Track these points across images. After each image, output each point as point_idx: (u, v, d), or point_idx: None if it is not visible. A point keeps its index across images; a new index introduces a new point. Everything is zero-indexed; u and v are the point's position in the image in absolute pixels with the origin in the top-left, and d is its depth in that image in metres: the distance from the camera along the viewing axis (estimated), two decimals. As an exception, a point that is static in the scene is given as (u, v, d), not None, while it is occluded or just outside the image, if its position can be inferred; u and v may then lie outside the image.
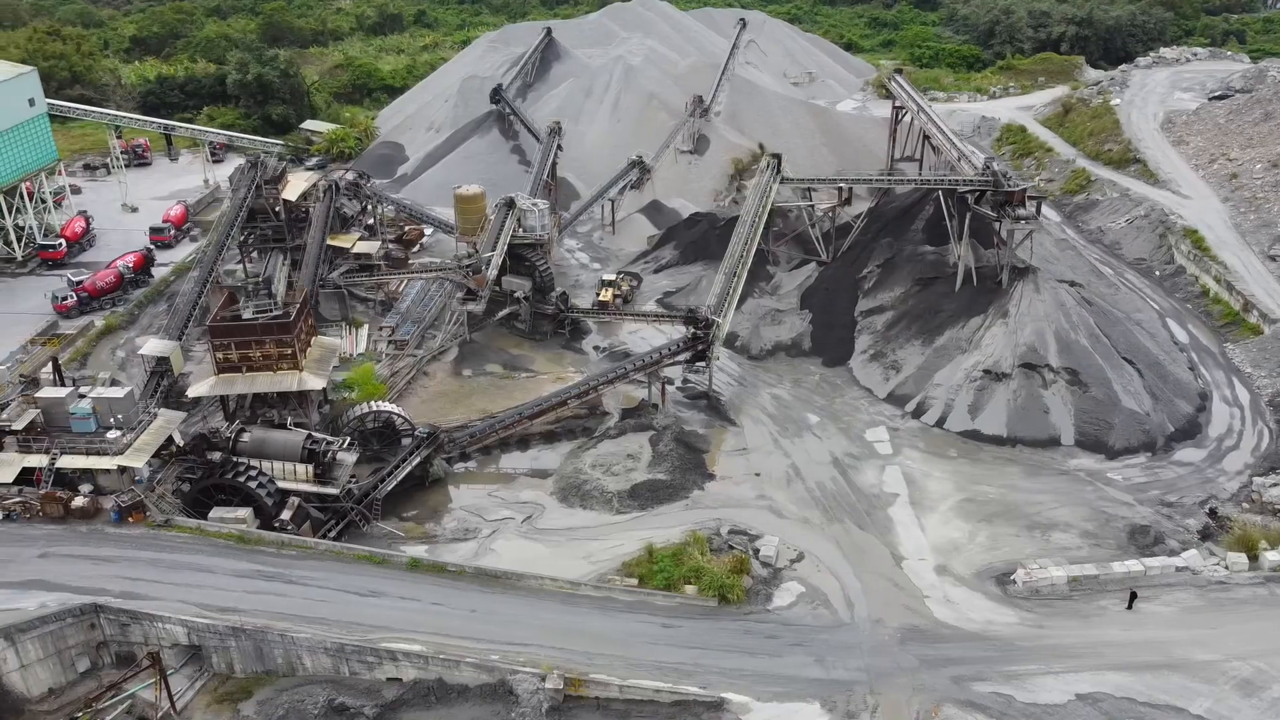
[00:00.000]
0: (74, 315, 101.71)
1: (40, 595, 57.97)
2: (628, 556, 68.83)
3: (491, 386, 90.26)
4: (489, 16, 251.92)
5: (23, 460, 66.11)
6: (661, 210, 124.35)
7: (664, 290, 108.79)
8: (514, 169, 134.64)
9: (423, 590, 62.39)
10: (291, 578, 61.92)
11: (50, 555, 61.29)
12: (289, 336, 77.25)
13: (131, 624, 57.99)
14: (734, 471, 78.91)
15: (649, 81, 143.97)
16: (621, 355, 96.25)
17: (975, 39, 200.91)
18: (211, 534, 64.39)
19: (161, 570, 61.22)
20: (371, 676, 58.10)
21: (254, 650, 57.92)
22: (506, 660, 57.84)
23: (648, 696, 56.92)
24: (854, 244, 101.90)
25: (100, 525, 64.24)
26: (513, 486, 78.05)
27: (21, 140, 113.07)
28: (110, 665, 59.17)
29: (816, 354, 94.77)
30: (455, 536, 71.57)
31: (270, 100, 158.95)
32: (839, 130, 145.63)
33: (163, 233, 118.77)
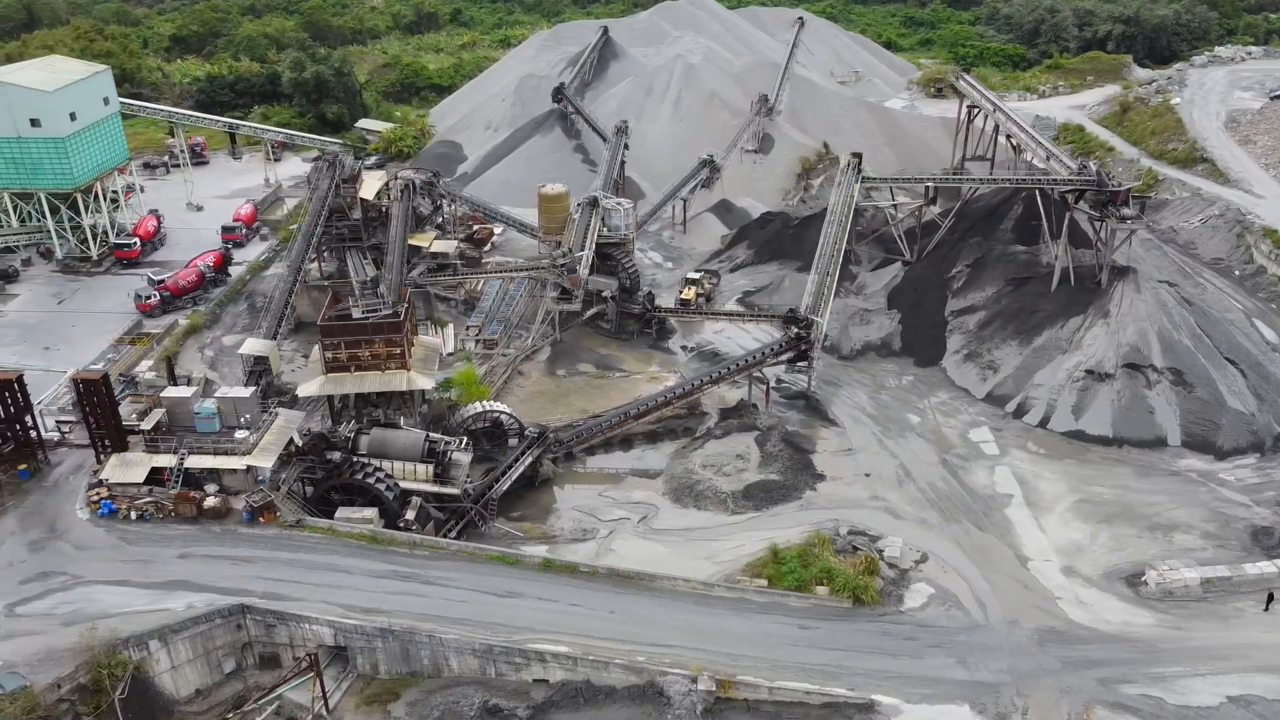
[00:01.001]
0: (157, 314, 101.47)
1: (187, 596, 57.73)
2: (750, 557, 68.64)
3: (587, 386, 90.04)
4: (522, 15, 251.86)
5: (151, 460, 65.83)
6: (731, 210, 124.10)
7: (743, 290, 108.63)
8: (578, 168, 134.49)
9: (559, 591, 62.12)
10: (429, 578, 61.66)
11: (190, 556, 61.05)
12: (399, 336, 77.01)
13: (278, 625, 57.76)
14: (842, 472, 78.68)
15: (709, 80, 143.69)
16: (710, 355, 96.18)
17: (1019, 38, 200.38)
18: (343, 534, 64.14)
19: (300, 571, 60.97)
20: (518, 678, 57.87)
21: (401, 651, 57.69)
22: (653, 662, 57.57)
23: (797, 698, 56.71)
24: (939, 243, 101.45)
25: (232, 525, 63.99)
26: (622, 486, 77.85)
27: (98, 139, 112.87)
28: (254, 666, 58.96)
29: (907, 354, 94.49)
30: (574, 537, 71.35)
31: (325, 99, 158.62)
32: (899, 129, 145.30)
33: (234, 231, 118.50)
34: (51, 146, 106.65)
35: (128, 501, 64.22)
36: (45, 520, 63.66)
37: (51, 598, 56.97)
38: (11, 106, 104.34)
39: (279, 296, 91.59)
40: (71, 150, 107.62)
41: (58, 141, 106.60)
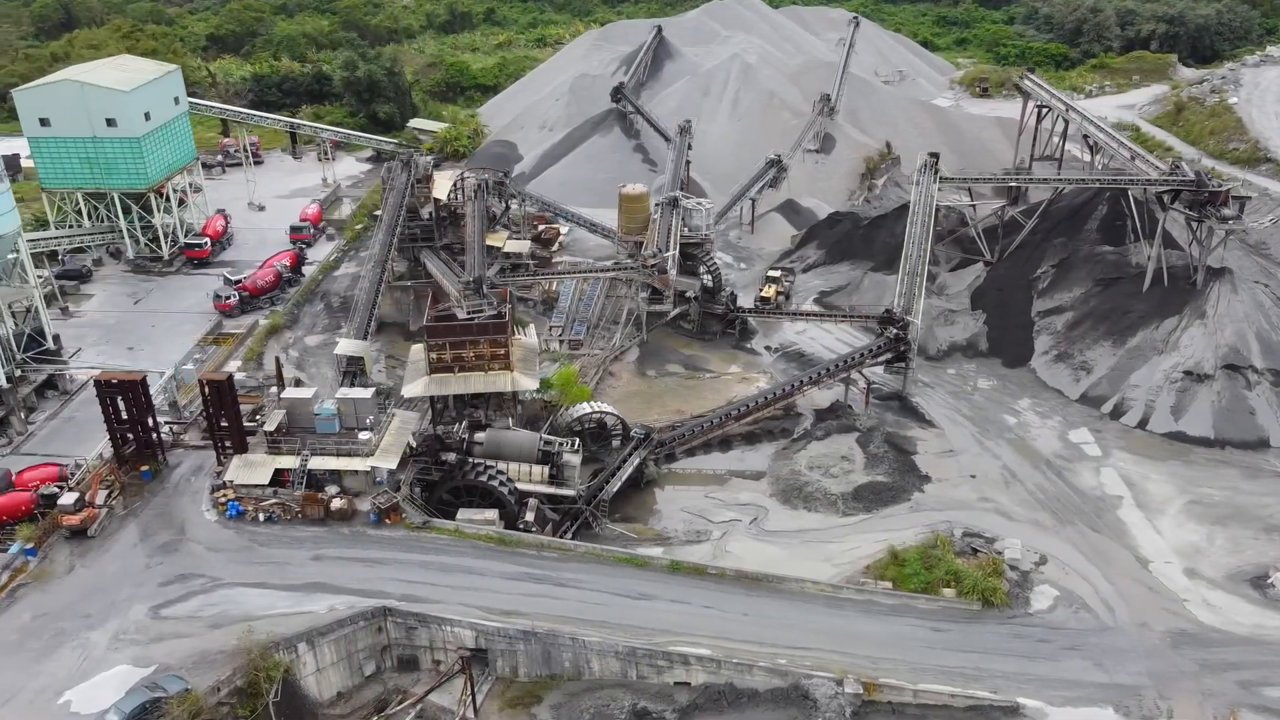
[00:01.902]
0: (235, 314, 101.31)
1: (327, 598, 57.50)
2: (869, 559, 68.50)
3: (679, 387, 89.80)
4: (553, 15, 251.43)
5: (274, 462, 65.61)
6: (798, 210, 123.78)
7: (818, 290, 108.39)
8: (638, 168, 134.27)
9: (690, 593, 61.89)
10: (561, 580, 61.42)
11: (323, 558, 60.81)
12: (504, 336, 76.74)
13: (418, 628, 57.53)
14: (946, 473, 78.40)
15: (767, 80, 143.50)
16: (795, 356, 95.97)
17: (1061, 37, 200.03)
18: (469, 535, 63.91)
19: (433, 573, 60.72)
20: (660, 680, 57.62)
21: (542, 654, 57.46)
22: (795, 664, 57.33)
23: (941, 701, 56.46)
24: (1022, 244, 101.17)
25: (360, 527, 63.75)
26: (727, 488, 77.63)
27: (169, 139, 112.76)
28: (391, 669, 58.73)
29: (994, 354, 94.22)
30: (689, 539, 71.07)
31: (376, 98, 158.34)
32: (954, 129, 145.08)
33: (303, 231, 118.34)
34: (127, 146, 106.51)
35: (253, 503, 63.99)
36: (174, 522, 63.42)
37: (194, 600, 56.73)
38: (89, 106, 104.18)
39: (365, 297, 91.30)
40: (146, 150, 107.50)
41: (133, 141, 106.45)
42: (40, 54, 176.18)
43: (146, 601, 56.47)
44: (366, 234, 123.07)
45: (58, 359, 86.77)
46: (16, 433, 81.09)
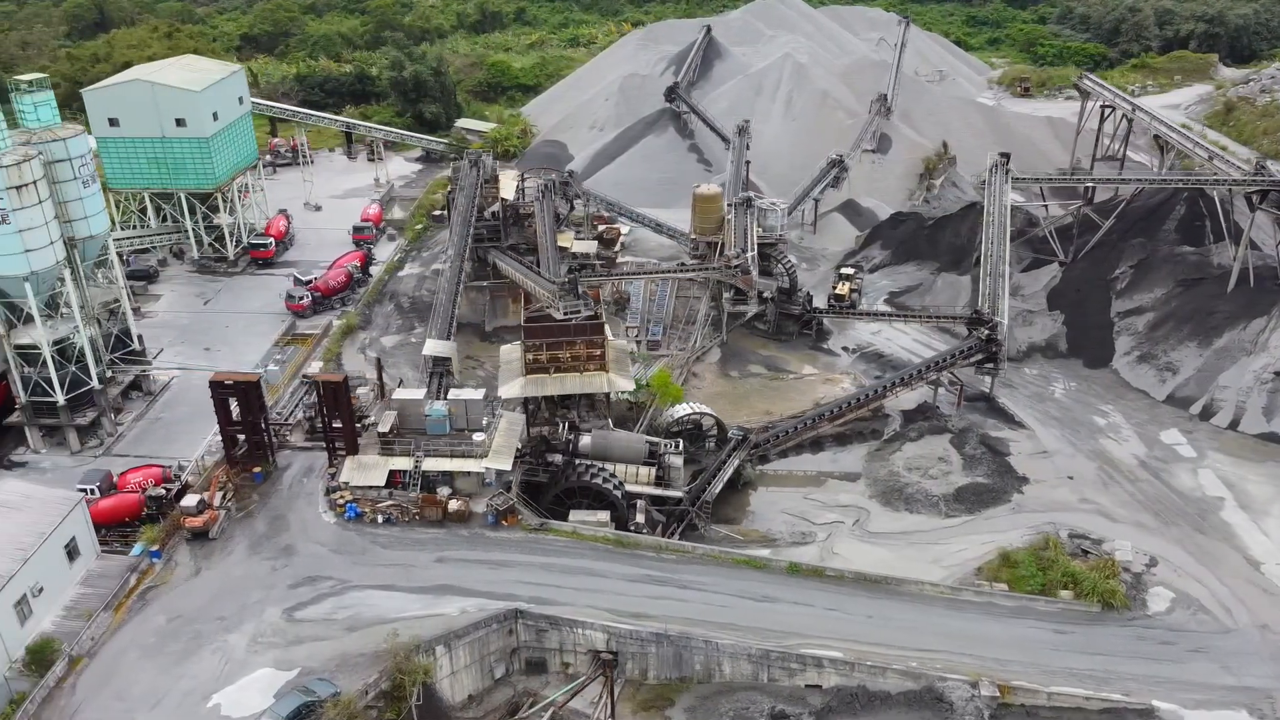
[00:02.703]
0: (308, 315, 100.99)
1: (457, 601, 57.21)
2: (978, 560, 68.33)
3: (764, 388, 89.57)
4: (580, 14, 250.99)
5: (388, 463, 65.30)
6: (859, 210, 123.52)
7: (887, 290, 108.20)
8: (693, 168, 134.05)
9: (811, 595, 61.66)
10: (683, 582, 61.18)
11: (446, 560, 60.52)
12: (600, 337, 76.48)
13: (549, 630, 57.27)
14: (1043, 474, 78.13)
15: (820, 80, 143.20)
16: (873, 356, 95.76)
17: (1098, 37, 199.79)
18: (587, 537, 63.62)
19: (556, 575, 60.44)
20: (791, 683, 57.38)
21: (674, 656, 57.22)
22: (925, 667, 57.08)
23: (1075, 703, 56.23)
24: (1097, 244, 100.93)
25: (478, 529, 63.44)
26: (825, 489, 77.38)
27: (235, 139, 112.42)
28: (519, 671, 58.46)
29: (1074, 355, 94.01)
30: (795, 540, 70.84)
31: (423, 98, 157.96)
32: (1007, 129, 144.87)
33: (365, 231, 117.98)
34: (195, 147, 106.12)
35: (370, 505, 63.70)
36: (293, 524, 63.14)
37: (326, 602, 56.44)
38: (159, 106, 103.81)
39: (445, 297, 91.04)
40: (214, 150, 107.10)
41: (201, 142, 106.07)
42: (82, 54, 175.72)
43: (279, 604, 56.17)
44: (426, 234, 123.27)
45: (142, 360, 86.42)
46: (107, 434, 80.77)
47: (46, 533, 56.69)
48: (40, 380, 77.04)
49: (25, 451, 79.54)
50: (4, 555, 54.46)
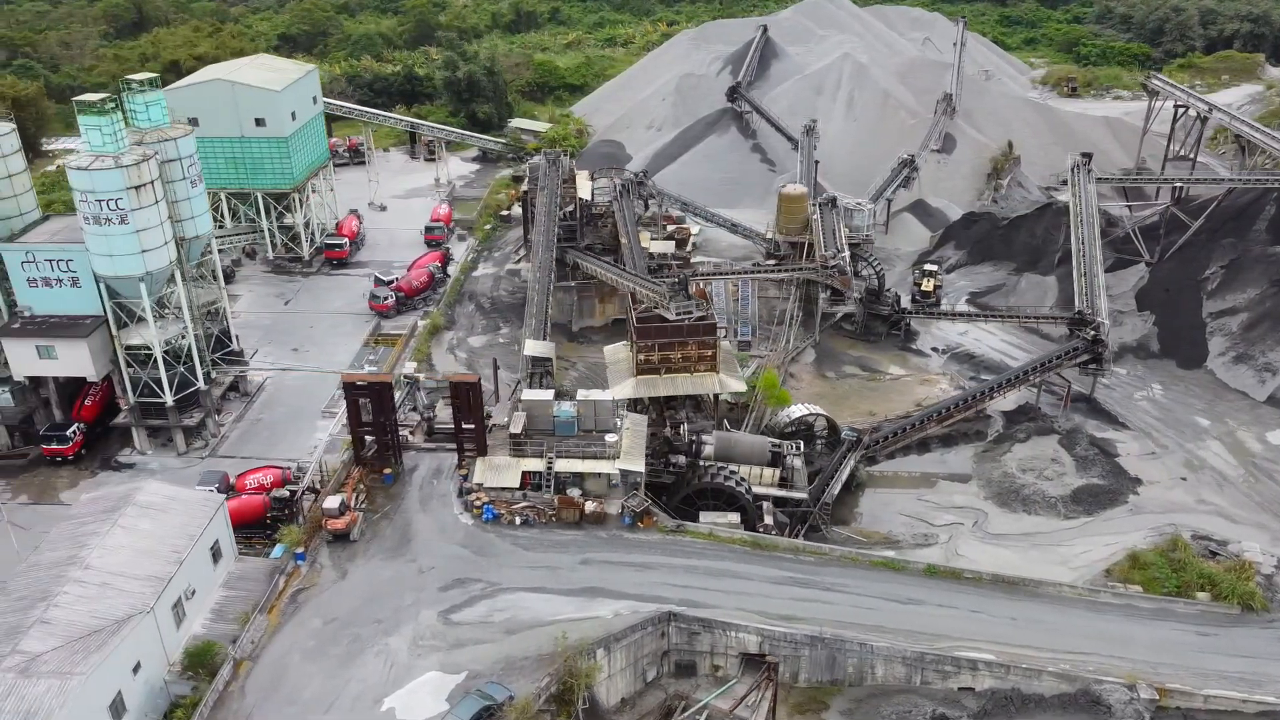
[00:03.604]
0: (391, 315, 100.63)
1: (609, 603, 56.79)
2: (1104, 562, 68.10)
3: (862, 388, 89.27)
4: (611, 14, 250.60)
5: (519, 464, 64.89)
6: (929, 210, 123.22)
7: (967, 291, 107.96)
8: (756, 168, 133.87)
9: (952, 597, 61.28)
10: (826, 584, 60.80)
11: (590, 562, 60.09)
12: (712, 338, 76.07)
13: (702, 632, 56.86)
14: (1155, 475, 77.92)
15: (880, 79, 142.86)
16: (964, 357, 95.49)
17: (1141, 36, 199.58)
18: (724, 539, 63.24)
19: (699, 577, 60.05)
20: (944, 686, 57.03)
21: (827, 659, 56.85)
22: (1076, 669, 56.74)
23: (1232, 707, 55.88)
24: (1184, 245, 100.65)
25: (615, 531, 63.05)
26: (938, 490, 77.07)
27: (310, 138, 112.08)
28: (669, 674, 58.05)
29: (1166, 355, 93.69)
30: (917, 542, 70.56)
31: (476, 98, 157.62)
32: (1066, 128, 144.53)
33: (437, 231, 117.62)
34: (274, 146, 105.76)
35: (505, 506, 63.31)
36: (431, 525, 62.71)
37: (480, 605, 56.01)
38: (239, 106, 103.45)
39: (539, 298, 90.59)
40: (292, 150, 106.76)
41: (280, 142, 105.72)
42: (129, 54, 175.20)
43: (433, 606, 55.75)
44: (495, 234, 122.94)
45: (241, 360, 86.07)
46: (210, 435, 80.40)
47: (196, 535, 56.30)
48: (150, 381, 76.59)
49: (131, 453, 79.16)
50: (159, 558, 54.05)
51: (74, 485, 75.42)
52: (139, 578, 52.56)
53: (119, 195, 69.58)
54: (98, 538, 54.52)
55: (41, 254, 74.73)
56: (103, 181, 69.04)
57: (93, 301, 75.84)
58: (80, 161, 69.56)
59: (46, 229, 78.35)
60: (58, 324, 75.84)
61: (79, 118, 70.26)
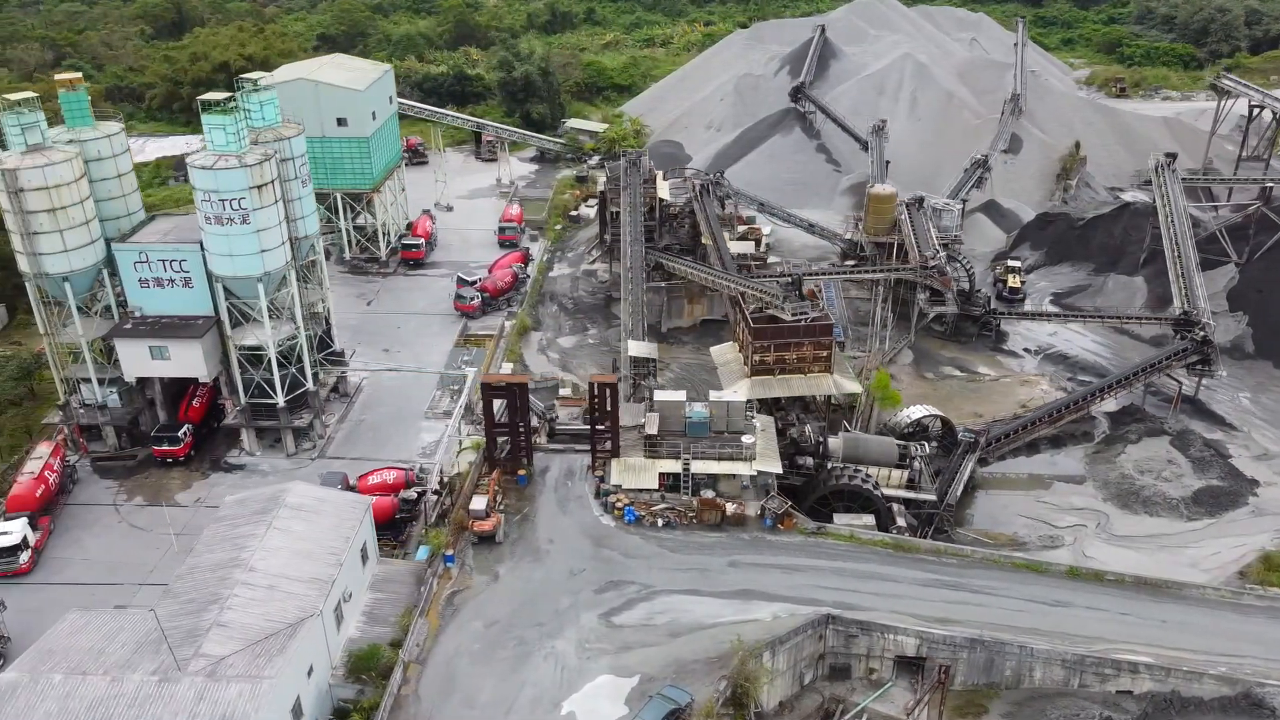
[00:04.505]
0: (477, 316, 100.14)
1: (766, 605, 56.34)
2: (1235, 563, 67.81)
3: (963, 389, 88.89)
4: (644, 14, 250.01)
5: (655, 465, 64.42)
6: (1001, 211, 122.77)
7: (1049, 291, 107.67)
8: (821, 168, 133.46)
9: (1100, 599, 60.75)
10: (973, 586, 60.34)
11: (738, 564, 59.67)
12: (828, 339, 75.81)
13: (859, 635, 56.40)
14: (1269, 476, 77.57)
15: (943, 79, 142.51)
16: (1058, 358, 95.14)
17: (1185, 37, 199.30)
18: (865, 541, 62.79)
19: (848, 579, 59.61)
20: (1102, 689, 56.55)
21: (985, 661, 56.40)
22: (1234, 671, 56.28)
23: (1394, 708, 55.44)
24: (1276, 244, 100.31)
25: (756, 533, 62.60)
26: (1053, 492, 76.70)
27: (387, 139, 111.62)
28: (823, 677, 57.59)
29: (1263, 356, 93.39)
30: (1044, 543, 70.20)
31: (530, 98, 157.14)
32: (1128, 129, 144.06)
33: (510, 232, 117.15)
34: (355, 146, 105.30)
35: (644, 507, 62.86)
36: (574, 527, 62.28)
37: (639, 608, 55.56)
38: (321, 106, 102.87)
39: (635, 299, 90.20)
40: (373, 150, 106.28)
41: (361, 142, 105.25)
42: (178, 54, 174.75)
43: (592, 609, 55.30)
44: (565, 235, 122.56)
45: (342, 361, 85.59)
46: (317, 436, 79.90)
47: (350, 536, 55.82)
48: (262, 382, 76.11)
49: (240, 454, 78.64)
50: (319, 560, 53.56)
51: (187, 486, 74.95)
52: (303, 580, 52.07)
53: (242, 195, 69.08)
54: (255, 540, 53.99)
55: (155, 254, 74.14)
56: (227, 181, 68.53)
57: (204, 302, 75.30)
58: (204, 161, 69.03)
59: (154, 229, 77.78)
60: (170, 324, 75.26)
61: (203, 117, 69.66)
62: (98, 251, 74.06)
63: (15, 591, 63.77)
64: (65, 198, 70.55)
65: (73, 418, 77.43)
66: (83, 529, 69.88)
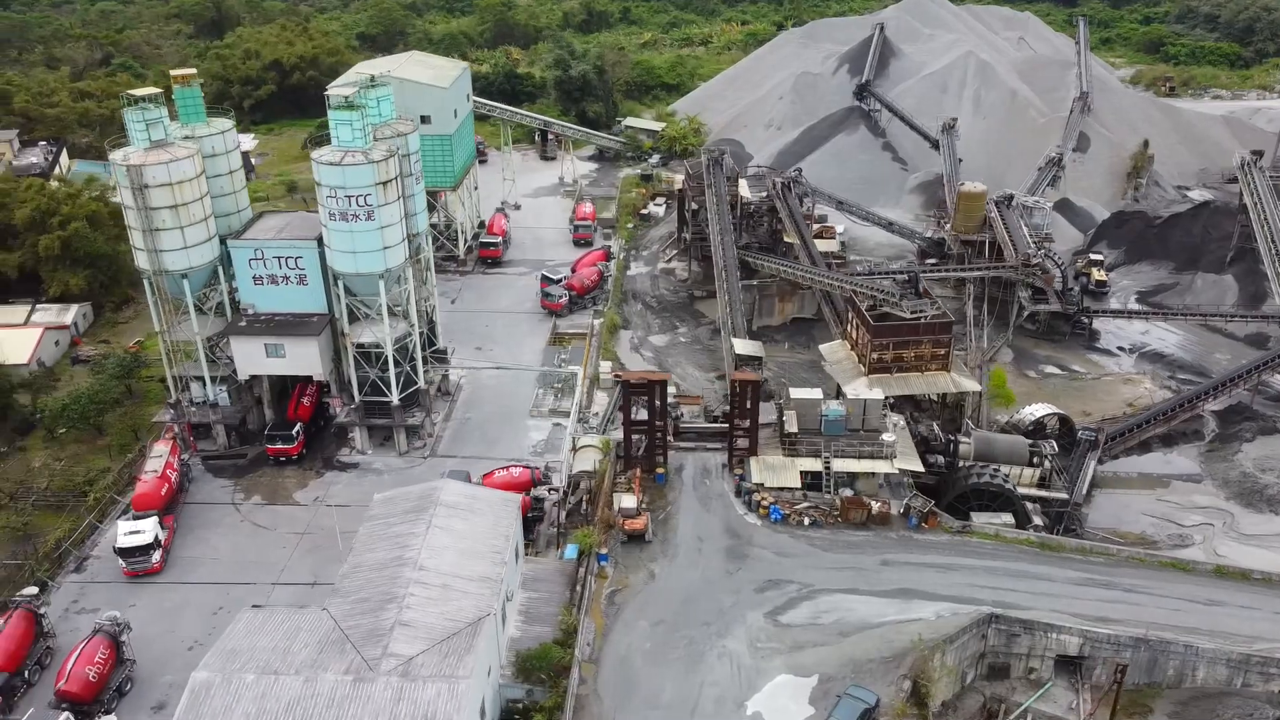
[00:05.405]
0: (564, 314, 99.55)
1: (928, 604, 55.86)
2: (1374, 564, 67.12)
3: (1067, 388, 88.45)
4: (678, 14, 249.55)
5: (796, 464, 63.93)
6: (1074, 209, 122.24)
7: (1134, 290, 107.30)
8: (889, 167, 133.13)
9: (1252, 598, 60.32)
10: (1126, 585, 59.89)
11: (891, 563, 59.21)
12: (947, 336, 75.34)
13: (1021, 634, 55.90)
14: (1389, 475, 77.11)
15: (1007, 77, 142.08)
16: (1154, 356, 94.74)
17: (1229, 36, 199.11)
18: (1010, 540, 62.32)
19: (1000, 578, 59.13)
20: (1265, 689, 56.07)
21: (1148, 661, 55.93)
22: (1399, 671, 55.87)
23: None
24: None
25: (903, 532, 62.12)
26: (1173, 490, 76.26)
27: (466, 136, 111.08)
28: (981, 677, 57.08)
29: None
30: (1174, 542, 69.72)
31: (586, 97, 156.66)
32: (1189, 127, 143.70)
33: (584, 230, 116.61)
34: (438, 144, 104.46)
35: (789, 506, 62.35)
36: (720, 525, 61.83)
37: (803, 607, 55.09)
38: (406, 103, 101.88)
39: (733, 297, 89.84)
40: (455, 147, 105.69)
41: (444, 139, 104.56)
42: (229, 53, 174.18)
43: (757, 608, 54.82)
44: (638, 233, 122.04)
45: (446, 359, 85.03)
46: (426, 434, 79.31)
47: (508, 535, 55.29)
48: (377, 379, 75.55)
49: (351, 452, 78.05)
50: (484, 559, 52.96)
51: (303, 485, 74.34)
52: (473, 579, 51.48)
53: (368, 191, 68.53)
54: (417, 538, 53.39)
55: (270, 250, 73.60)
56: (354, 177, 67.98)
57: (318, 299, 74.84)
58: (330, 157, 68.48)
59: (265, 226, 77.21)
60: (284, 322, 74.73)
61: (330, 113, 69.14)
62: (214, 248, 73.53)
63: (148, 591, 63.27)
64: (187, 194, 70.01)
65: (184, 416, 76.80)
66: (205, 528, 69.26)
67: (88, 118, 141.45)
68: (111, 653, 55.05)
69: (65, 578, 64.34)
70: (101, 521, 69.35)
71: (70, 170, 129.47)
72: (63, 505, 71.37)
